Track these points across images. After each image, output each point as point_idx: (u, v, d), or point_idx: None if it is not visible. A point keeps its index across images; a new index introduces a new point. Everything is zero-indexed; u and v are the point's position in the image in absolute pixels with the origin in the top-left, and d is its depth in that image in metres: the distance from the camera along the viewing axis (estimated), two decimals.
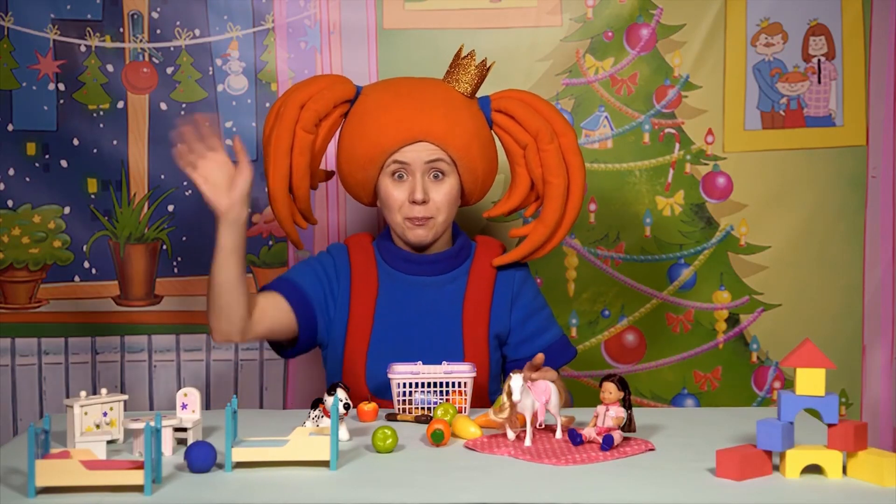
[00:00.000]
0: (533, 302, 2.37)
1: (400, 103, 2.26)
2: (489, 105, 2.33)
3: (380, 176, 2.28)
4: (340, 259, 2.35)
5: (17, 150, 2.79)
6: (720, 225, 2.86)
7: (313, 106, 2.25)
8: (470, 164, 2.28)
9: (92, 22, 2.78)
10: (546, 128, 2.29)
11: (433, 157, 2.25)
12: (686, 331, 2.88)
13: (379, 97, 2.29)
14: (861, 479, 1.65)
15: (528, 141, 2.30)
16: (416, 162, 2.24)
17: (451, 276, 2.33)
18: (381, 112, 2.25)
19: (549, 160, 2.29)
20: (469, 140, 2.27)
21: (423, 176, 2.25)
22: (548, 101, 2.38)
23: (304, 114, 2.25)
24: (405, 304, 2.29)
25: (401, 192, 2.26)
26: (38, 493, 1.58)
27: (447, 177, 2.27)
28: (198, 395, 1.88)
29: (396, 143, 2.23)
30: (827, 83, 2.85)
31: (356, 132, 2.27)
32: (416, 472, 1.70)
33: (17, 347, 2.83)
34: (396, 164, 2.25)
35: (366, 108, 2.28)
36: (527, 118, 2.30)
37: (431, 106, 2.25)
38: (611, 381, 1.81)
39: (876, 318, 2.89)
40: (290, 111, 2.25)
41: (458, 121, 2.26)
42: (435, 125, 2.24)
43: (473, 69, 2.31)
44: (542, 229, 2.32)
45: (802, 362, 1.66)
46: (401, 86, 2.34)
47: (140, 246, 2.83)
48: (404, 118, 2.23)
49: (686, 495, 1.57)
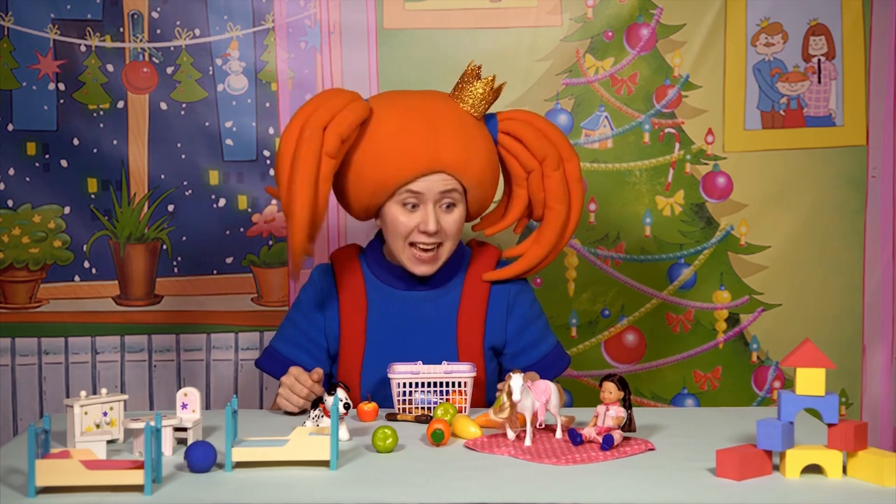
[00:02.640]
0: (529, 312, 2.34)
1: (416, 132, 2.18)
2: (496, 126, 2.29)
3: (388, 202, 2.23)
4: (325, 282, 2.31)
5: (17, 150, 2.79)
6: (720, 225, 2.86)
7: (336, 129, 2.15)
8: (482, 192, 2.26)
9: (92, 22, 2.78)
10: (553, 154, 2.27)
11: (447, 188, 2.21)
12: (686, 331, 2.88)
13: (393, 125, 2.20)
14: (861, 479, 1.65)
15: (534, 166, 2.27)
16: (429, 192, 2.20)
17: (444, 290, 2.30)
18: (395, 141, 2.18)
19: (554, 187, 2.27)
20: (483, 169, 2.23)
21: (434, 206, 2.21)
22: (554, 125, 2.34)
23: (327, 138, 2.14)
24: (397, 319, 2.27)
25: (410, 220, 2.21)
26: (38, 492, 1.58)
27: (458, 205, 2.24)
28: (198, 395, 1.88)
29: (412, 174, 2.18)
30: (827, 83, 2.85)
31: (370, 158, 2.20)
32: (416, 472, 1.70)
33: (17, 347, 2.83)
34: (409, 193, 2.20)
35: (381, 134, 2.20)
36: (535, 143, 2.27)
37: (448, 135, 2.20)
38: (611, 381, 1.81)
39: (876, 318, 2.89)
40: (313, 135, 2.14)
41: (474, 150, 2.22)
42: (452, 156, 2.19)
43: (482, 92, 2.25)
44: (538, 251, 2.30)
45: (802, 362, 1.66)
46: (413, 109, 2.24)
47: (140, 246, 2.83)
48: (421, 148, 2.17)
49: (686, 495, 1.57)
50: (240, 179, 2.82)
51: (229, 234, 2.83)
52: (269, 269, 2.85)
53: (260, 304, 2.85)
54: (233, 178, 2.82)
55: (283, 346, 2.31)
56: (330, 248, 2.82)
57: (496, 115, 2.30)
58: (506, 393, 1.81)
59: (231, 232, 2.83)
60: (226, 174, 2.82)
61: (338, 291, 2.30)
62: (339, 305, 2.29)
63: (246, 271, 2.84)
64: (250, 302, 2.85)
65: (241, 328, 2.86)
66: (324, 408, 1.87)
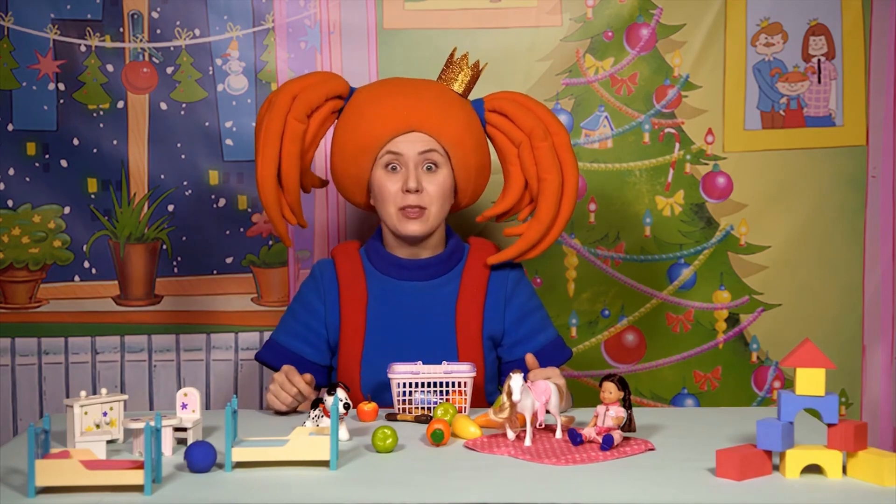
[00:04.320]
0: (527, 303, 2.36)
1: (393, 95, 2.29)
2: (482, 107, 2.37)
3: (373, 169, 2.29)
4: (326, 276, 2.36)
5: (17, 150, 2.79)
6: (720, 225, 2.86)
7: (305, 96, 2.29)
8: (463, 156, 2.30)
9: (92, 22, 2.78)
10: (539, 126, 2.32)
11: (427, 148, 2.27)
12: (686, 331, 2.88)
13: (372, 91, 2.34)
14: (861, 479, 1.65)
15: (522, 139, 2.32)
16: (409, 153, 2.26)
17: (443, 280, 2.33)
18: (374, 103, 2.29)
19: (543, 157, 2.31)
20: (462, 132, 2.29)
21: (416, 167, 2.27)
22: (540, 102, 2.41)
23: (295, 103, 2.28)
24: (397, 310, 2.30)
25: (394, 183, 2.28)
26: (38, 493, 1.58)
27: (440, 168, 2.29)
28: (198, 395, 1.88)
29: (390, 133, 2.26)
30: (827, 83, 2.85)
31: (350, 125, 2.30)
32: (416, 472, 1.70)
33: (17, 347, 2.83)
34: (390, 154, 2.27)
35: (359, 102, 2.32)
36: (520, 116, 2.33)
37: (425, 98, 2.29)
38: (611, 381, 1.81)
39: (876, 318, 2.89)
40: (282, 100, 2.28)
41: (451, 113, 2.29)
42: (428, 115, 2.27)
43: (466, 69, 2.36)
44: (536, 227, 2.32)
45: (802, 362, 1.66)
46: (394, 82, 2.39)
47: (140, 246, 2.83)
48: (398, 108, 2.26)
49: (686, 495, 1.57)
50: (240, 179, 2.82)
51: (229, 234, 2.83)
52: (269, 269, 2.85)
53: (260, 304, 2.85)
54: (233, 178, 2.82)
55: (284, 338, 2.35)
56: (329, 246, 2.82)
57: (483, 99, 2.38)
58: (506, 393, 1.81)
59: (231, 232, 2.83)
60: (226, 174, 2.82)
61: (338, 283, 2.34)
62: (339, 296, 2.33)
63: (246, 271, 2.84)
64: (250, 302, 2.85)
65: (241, 328, 2.86)
66: (324, 408, 1.87)
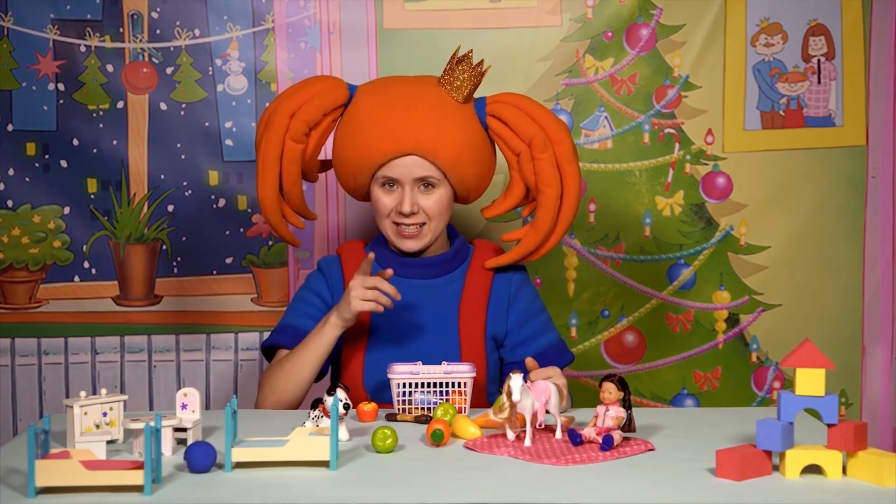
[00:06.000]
0: (531, 305, 2.36)
1: (390, 113, 2.22)
2: (484, 108, 2.29)
3: (370, 183, 2.27)
4: (332, 271, 2.35)
5: (17, 150, 2.79)
6: (720, 225, 2.86)
7: (303, 116, 2.23)
8: (461, 175, 2.26)
9: (92, 22, 2.78)
10: (540, 136, 2.24)
11: (422, 174, 2.23)
12: (686, 331, 2.88)
13: (371, 104, 2.25)
14: (861, 479, 1.65)
15: (521, 149, 2.26)
16: (404, 175, 2.23)
17: (447, 279, 2.32)
18: (371, 122, 2.22)
19: (543, 169, 2.25)
20: (459, 151, 2.23)
21: (412, 188, 2.24)
22: (544, 106, 2.32)
23: (293, 124, 2.23)
24: (401, 308, 2.28)
25: (390, 200, 2.25)
26: (38, 493, 1.58)
27: (437, 187, 2.25)
28: (198, 395, 1.88)
29: (385, 156, 2.22)
30: (827, 83, 2.85)
31: (348, 139, 2.26)
32: (415, 472, 1.70)
33: (17, 347, 2.83)
34: (385, 177, 2.24)
35: (357, 114, 2.25)
36: (520, 125, 2.26)
37: (421, 117, 2.21)
38: (611, 381, 1.81)
39: (876, 318, 2.89)
40: (279, 121, 2.23)
41: (448, 132, 2.22)
42: (424, 138, 2.21)
43: (467, 75, 2.25)
44: (533, 236, 2.29)
45: (802, 362, 1.66)
46: (392, 91, 2.28)
47: (140, 246, 2.83)
48: (393, 130, 2.20)
49: (686, 495, 1.57)
50: (240, 180, 2.82)
51: (229, 234, 2.83)
52: (269, 269, 2.85)
53: (260, 305, 2.85)
54: (233, 179, 2.82)
55: (295, 319, 2.31)
56: (330, 245, 2.82)
57: (485, 99, 2.30)
58: (505, 393, 1.81)
59: (231, 232, 2.83)
60: (226, 174, 2.82)
61: (344, 278, 2.32)
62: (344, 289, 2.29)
63: (246, 271, 2.84)
64: (250, 302, 2.85)
65: (241, 328, 2.86)
66: (323, 408, 1.87)
